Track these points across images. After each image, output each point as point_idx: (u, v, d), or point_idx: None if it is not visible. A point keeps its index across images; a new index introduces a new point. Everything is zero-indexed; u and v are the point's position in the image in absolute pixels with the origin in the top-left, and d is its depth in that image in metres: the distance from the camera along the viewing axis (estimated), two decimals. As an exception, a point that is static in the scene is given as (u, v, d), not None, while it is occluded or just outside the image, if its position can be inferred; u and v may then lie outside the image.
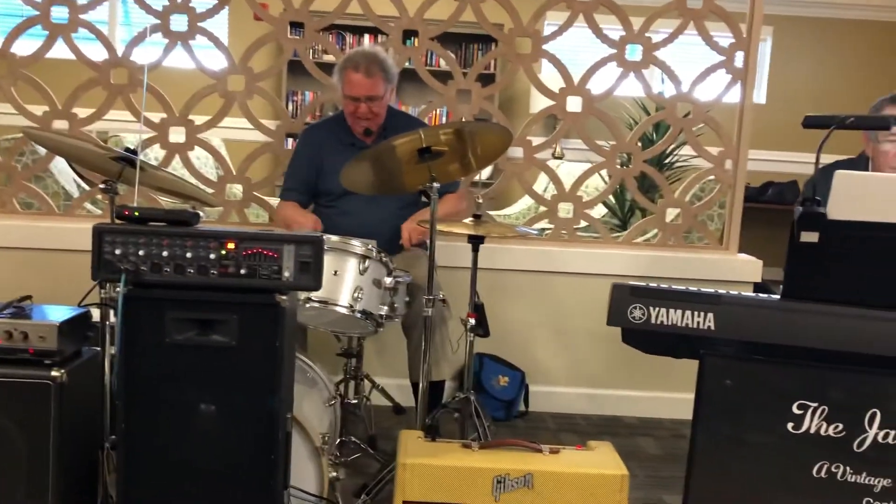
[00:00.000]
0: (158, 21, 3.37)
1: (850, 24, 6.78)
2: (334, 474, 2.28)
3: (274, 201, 3.70)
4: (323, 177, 3.12)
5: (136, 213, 1.90)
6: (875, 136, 2.55)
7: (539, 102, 5.37)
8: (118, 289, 1.84)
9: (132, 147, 2.45)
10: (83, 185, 4.00)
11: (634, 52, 3.54)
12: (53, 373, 1.98)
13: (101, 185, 2.34)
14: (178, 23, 3.39)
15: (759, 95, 6.84)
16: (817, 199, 1.83)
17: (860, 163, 2.66)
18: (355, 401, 2.85)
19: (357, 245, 2.51)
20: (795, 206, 1.84)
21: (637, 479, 2.91)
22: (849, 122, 1.96)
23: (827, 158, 2.42)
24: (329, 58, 5.31)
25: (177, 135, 3.48)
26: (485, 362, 3.52)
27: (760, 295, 1.97)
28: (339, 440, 2.62)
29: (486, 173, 6.13)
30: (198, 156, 4.75)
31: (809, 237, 1.84)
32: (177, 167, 3.70)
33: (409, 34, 3.51)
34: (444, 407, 2.83)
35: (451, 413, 2.82)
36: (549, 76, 3.75)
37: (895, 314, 1.81)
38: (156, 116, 3.43)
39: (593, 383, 3.62)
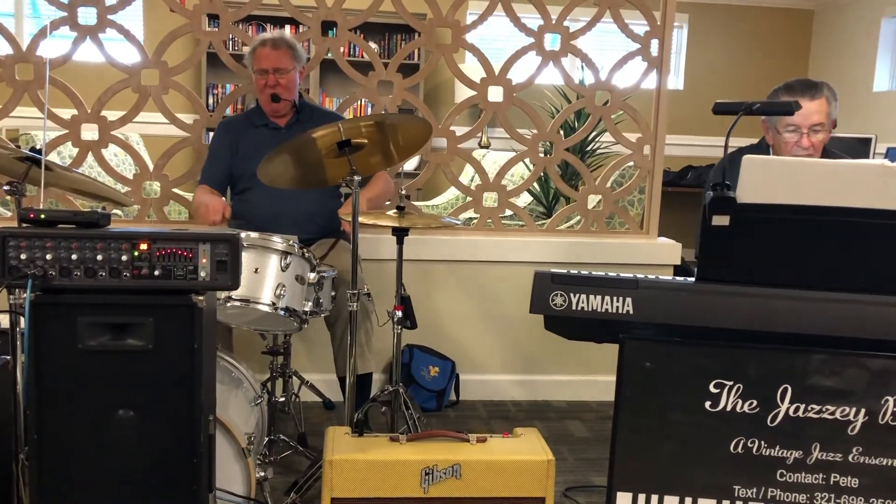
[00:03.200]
0: (65, 14, 3.24)
1: (761, 11, 6.99)
2: (262, 474, 2.26)
3: (194, 198, 3.63)
4: (237, 161, 3.16)
5: (42, 216, 1.83)
6: (775, 126, 2.62)
7: (463, 93, 5.37)
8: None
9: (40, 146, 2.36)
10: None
11: (555, 42, 3.57)
12: (-41, 384, 1.90)
13: (6, 187, 2.25)
14: (89, 15, 3.27)
15: (677, 81, 7.01)
16: (727, 184, 1.87)
17: (762, 148, 2.75)
18: (283, 398, 2.82)
19: (278, 241, 2.47)
20: (706, 192, 1.89)
21: (567, 463, 2.96)
22: (755, 108, 2.02)
23: (740, 142, 2.50)
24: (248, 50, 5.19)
25: (91, 132, 3.36)
26: (415, 353, 3.52)
27: (676, 278, 2.01)
28: (267, 439, 2.59)
29: (413, 164, 6.13)
30: (115, 153, 4.61)
31: (721, 221, 1.89)
32: (94, 165, 3.58)
33: (331, 25, 3.46)
34: (374, 401, 2.82)
35: (381, 406, 2.81)
36: (474, 66, 3.75)
37: (803, 292, 1.87)
38: (67, 113, 3.31)
39: (522, 370, 3.67)
